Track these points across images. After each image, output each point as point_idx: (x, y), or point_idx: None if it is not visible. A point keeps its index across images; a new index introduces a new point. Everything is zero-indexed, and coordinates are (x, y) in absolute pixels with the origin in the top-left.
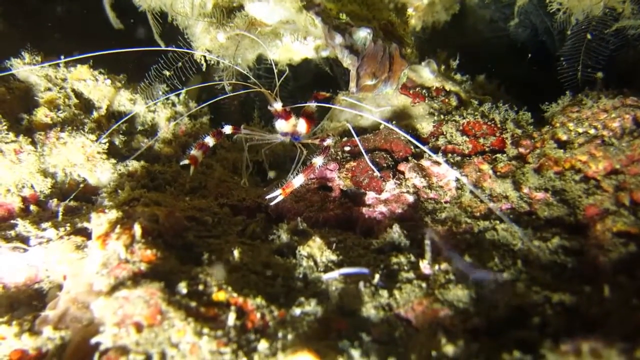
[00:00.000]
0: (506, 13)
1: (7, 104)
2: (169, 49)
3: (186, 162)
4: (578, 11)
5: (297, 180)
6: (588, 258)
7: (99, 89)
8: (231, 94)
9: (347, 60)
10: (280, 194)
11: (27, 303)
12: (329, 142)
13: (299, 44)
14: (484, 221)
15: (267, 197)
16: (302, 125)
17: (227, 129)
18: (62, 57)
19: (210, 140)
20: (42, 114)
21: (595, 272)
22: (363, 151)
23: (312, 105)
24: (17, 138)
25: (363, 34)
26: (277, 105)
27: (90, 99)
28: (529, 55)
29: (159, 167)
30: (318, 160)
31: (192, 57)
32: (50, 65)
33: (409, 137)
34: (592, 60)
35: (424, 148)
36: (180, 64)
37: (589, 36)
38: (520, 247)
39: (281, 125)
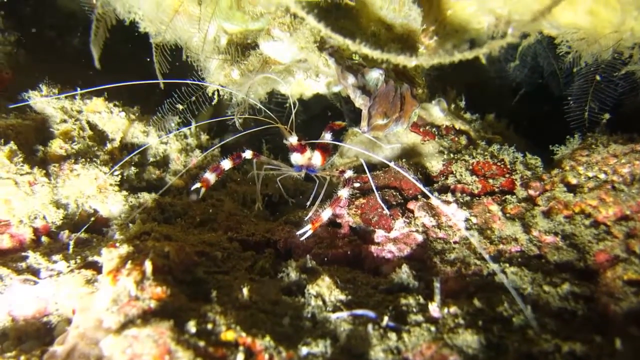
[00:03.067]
0: (513, 54)
1: (23, 136)
2: (187, 81)
3: (198, 185)
4: (587, 54)
5: (326, 214)
6: (598, 306)
7: (113, 121)
8: (252, 130)
9: (359, 100)
10: (310, 228)
11: (35, 336)
12: (349, 173)
13: (311, 80)
14: (494, 263)
15: (298, 233)
16: (317, 158)
17: (248, 154)
18: (79, 89)
19: (227, 164)
20: (57, 146)
21: (605, 321)
22: (374, 188)
23: (327, 137)
24: (31, 170)
25: (375, 75)
26: (293, 140)
27: (104, 131)
28: (521, 92)
29: (170, 199)
30: (344, 193)
31: (205, 92)
32: (66, 97)
33: (414, 181)
34: (599, 102)
35: (426, 191)
36: (194, 98)
37: (598, 78)
38: (529, 292)
39: (297, 158)
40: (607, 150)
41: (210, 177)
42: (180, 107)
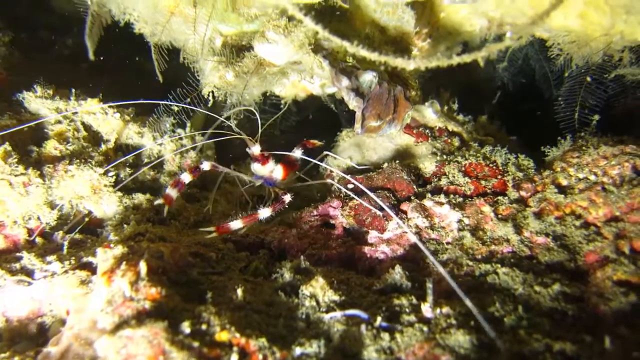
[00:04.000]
0: (504, 57)
1: (18, 137)
2: (184, 105)
3: (160, 202)
4: (578, 57)
5: (234, 225)
6: (589, 306)
7: (108, 122)
8: (215, 140)
9: (353, 103)
10: (214, 232)
11: (29, 337)
12: (286, 198)
13: (306, 82)
14: (486, 264)
15: (201, 229)
16: (278, 172)
17: (206, 166)
18: (73, 90)
19: (186, 177)
20: (51, 147)
21: (595, 321)
22: (348, 192)
23: (297, 153)
24: (26, 171)
25: (369, 77)
26: (255, 149)
27: (99, 132)
28: (499, 94)
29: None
30: (262, 212)
31: (199, 93)
32: (61, 98)
33: (380, 203)
34: (589, 103)
35: (391, 213)
36: (188, 99)
37: (588, 79)
38: (521, 292)
39: (257, 168)
40: (597, 152)
41: (172, 192)
42: (176, 108)
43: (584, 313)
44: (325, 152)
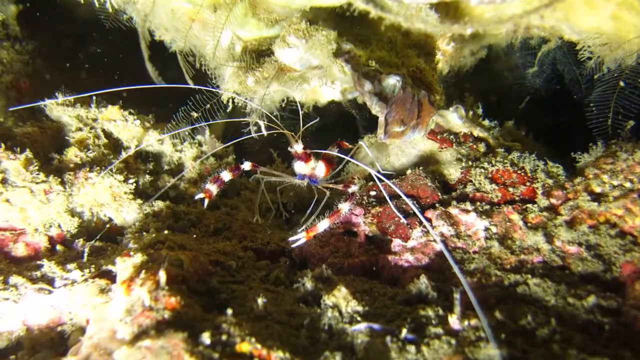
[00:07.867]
0: (532, 61)
1: (39, 144)
2: (202, 87)
3: (201, 195)
4: (610, 60)
5: (322, 225)
6: (627, 319)
7: (128, 129)
8: (255, 134)
9: (376, 108)
10: (304, 237)
11: (49, 346)
12: (354, 188)
13: (327, 87)
14: (515, 274)
15: (290, 239)
16: (320, 169)
17: (247, 166)
18: (94, 97)
19: (226, 175)
20: (72, 154)
21: (635, 336)
22: (388, 198)
23: (334, 151)
24: (47, 178)
25: (392, 82)
26: (298, 147)
27: (119, 139)
28: (526, 100)
29: (184, 208)
30: (344, 207)
31: (219, 99)
32: (82, 106)
33: (407, 200)
34: (623, 108)
35: (419, 214)
36: (208, 105)
37: (621, 84)
38: (553, 304)
39: (300, 167)
40: (632, 157)
41: (212, 187)
42: (195, 114)
43: (622, 327)
44: (360, 142)
